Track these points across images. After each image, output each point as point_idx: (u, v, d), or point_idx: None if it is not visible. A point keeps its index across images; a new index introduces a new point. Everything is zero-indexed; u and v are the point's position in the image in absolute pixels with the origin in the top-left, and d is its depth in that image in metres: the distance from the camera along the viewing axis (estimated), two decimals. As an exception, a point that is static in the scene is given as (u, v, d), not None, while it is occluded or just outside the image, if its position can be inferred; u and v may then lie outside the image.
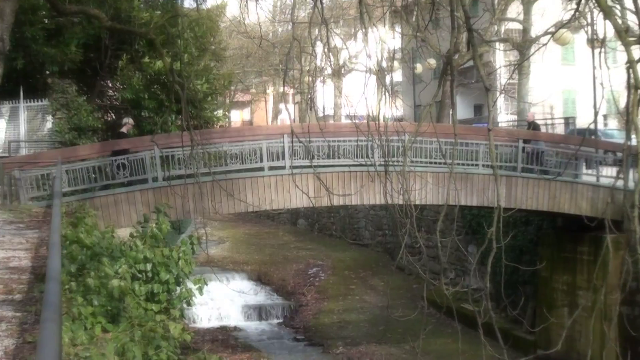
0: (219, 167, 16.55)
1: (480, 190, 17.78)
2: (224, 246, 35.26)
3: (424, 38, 24.91)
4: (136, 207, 15.73)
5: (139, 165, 16.00)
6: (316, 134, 15.33)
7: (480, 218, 22.65)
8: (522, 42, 32.11)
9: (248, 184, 16.71)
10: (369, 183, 16.29)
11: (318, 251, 33.17)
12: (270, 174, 16.84)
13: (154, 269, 8.72)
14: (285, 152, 16.83)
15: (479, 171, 17.89)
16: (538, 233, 21.07)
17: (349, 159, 16.50)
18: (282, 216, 42.75)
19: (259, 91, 65.45)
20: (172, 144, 16.03)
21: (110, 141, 19.58)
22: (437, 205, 21.41)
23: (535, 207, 18.41)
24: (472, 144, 18.05)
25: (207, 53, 23.60)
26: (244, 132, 19.52)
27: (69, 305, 6.53)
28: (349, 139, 16.97)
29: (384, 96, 8.07)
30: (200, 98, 21.16)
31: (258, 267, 30.58)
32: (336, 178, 17.04)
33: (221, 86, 24.51)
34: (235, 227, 41.61)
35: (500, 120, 37.38)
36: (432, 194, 17.45)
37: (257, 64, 51.14)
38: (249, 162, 16.94)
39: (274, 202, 16.91)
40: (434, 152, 17.50)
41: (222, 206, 16.01)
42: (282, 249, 34.21)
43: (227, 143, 17.38)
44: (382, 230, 32.31)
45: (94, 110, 21.44)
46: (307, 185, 15.78)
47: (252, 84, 61.57)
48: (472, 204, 18.21)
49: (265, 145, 16.92)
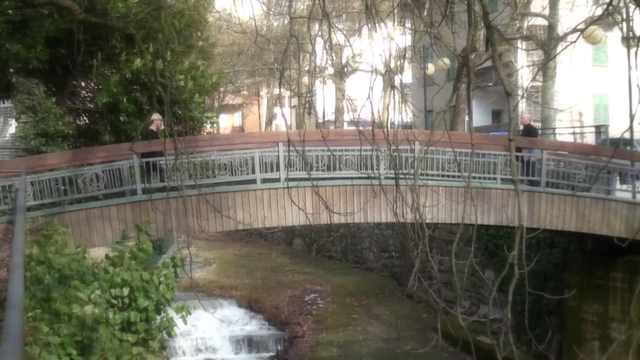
0: (206, 179, 16.52)
1: (499, 207, 17.76)
2: (210, 269, 35.20)
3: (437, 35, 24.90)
4: (112, 224, 15.70)
5: (115, 177, 16.00)
6: (315, 142, 15.33)
7: (498, 239, 22.64)
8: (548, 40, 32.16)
9: (238, 198, 16.70)
10: (374, 198, 16.27)
11: (316, 275, 33.11)
12: (263, 187, 16.84)
13: (132, 295, 8.71)
14: (280, 163, 16.82)
15: (498, 186, 17.89)
16: (565, 257, 21.04)
17: (352, 170, 16.48)
18: (276, 235, 42.68)
19: (251, 93, 65.61)
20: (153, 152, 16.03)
21: (84, 149, 19.58)
22: (449, 225, 21.40)
23: (561, 227, 18.39)
24: (489, 154, 18.06)
25: (193, 50, 23.63)
26: (234, 139, 19.51)
27: (34, 335, 6.51)
28: (352, 148, 16.95)
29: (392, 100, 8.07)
30: (186, 98, 21.17)
31: (248, 292, 30.51)
32: (337, 192, 17.02)
33: (209, 86, 24.54)
34: (224, 247, 41.56)
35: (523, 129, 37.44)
36: (444, 211, 17.43)
37: (249, 63, 51.29)
38: (239, 174, 16.93)
39: (267, 219, 16.89)
40: (446, 163, 17.50)
41: (208, 224, 15.99)
42: (276, 273, 34.15)
43: (215, 152, 17.37)
44: (388, 252, 32.28)
45: (64, 114, 21.42)
46: (305, 201, 15.76)
47: (244, 85, 61.72)
48: (489, 223, 18.18)
49: (258, 154, 16.93)
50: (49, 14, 21.19)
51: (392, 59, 8.59)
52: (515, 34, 31.47)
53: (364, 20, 42.25)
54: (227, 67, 47.29)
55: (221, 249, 40.85)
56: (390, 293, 30.11)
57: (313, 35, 25.58)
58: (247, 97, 65.14)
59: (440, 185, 17.37)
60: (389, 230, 31.71)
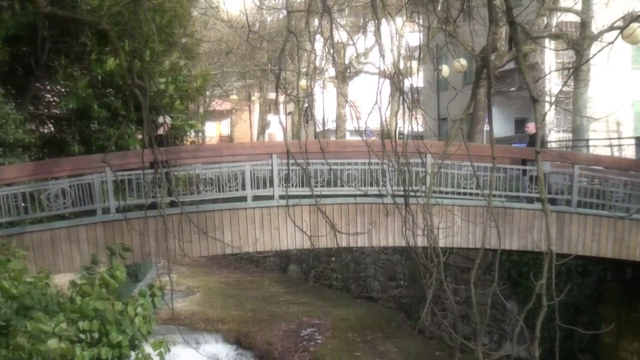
0: (189, 195, 16.52)
1: (523, 230, 17.76)
2: (193, 298, 35.16)
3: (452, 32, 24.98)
4: (80, 246, 15.69)
5: (84, 193, 15.99)
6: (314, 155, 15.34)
7: (522, 266, 22.62)
8: (580, 40, 32.25)
9: (226, 218, 16.69)
10: (380, 219, 16.27)
11: (314, 306, 33.06)
12: (254, 205, 16.84)
13: (103, 328, 8.69)
14: (274, 178, 16.83)
15: (522, 205, 17.90)
16: (599, 287, 21.01)
17: (355, 187, 16.49)
18: (269, 260, 42.67)
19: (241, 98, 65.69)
20: (129, 165, 16.05)
21: (48, 161, 19.60)
22: (466, 250, 21.40)
23: (596, 252, 18.38)
24: (513, 169, 18.08)
25: (175, 48, 23.68)
26: (221, 150, 19.55)
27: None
28: (355, 161, 16.97)
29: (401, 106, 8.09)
30: (167, 103, 21.22)
31: (237, 326, 30.45)
32: (338, 212, 17.02)
33: (193, 90, 24.58)
34: (209, 273, 41.55)
35: (551, 140, 37.51)
36: (461, 234, 17.44)
37: (239, 63, 51.43)
38: (227, 190, 16.94)
39: (258, 242, 16.88)
40: (463, 179, 17.52)
41: (192, 247, 15.96)
42: (268, 303, 34.10)
43: (199, 165, 17.37)
44: (395, 281, 32.24)
45: (25, 121, 21.43)
46: (302, 221, 15.77)
47: (233, 89, 61.85)
48: (512, 248, 18.17)
49: (249, 168, 16.94)
50: (9, 6, 21.22)
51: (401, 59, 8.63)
52: (543, 32, 31.62)
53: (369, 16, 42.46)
54: (214, 68, 47.39)
55: (206, 275, 40.81)
56: (399, 327, 30.04)
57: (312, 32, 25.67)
58: (236, 102, 65.25)
59: (456, 204, 17.38)
60: (396, 255, 31.68)
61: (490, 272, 23.11)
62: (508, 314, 23.01)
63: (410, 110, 8.27)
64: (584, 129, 33.07)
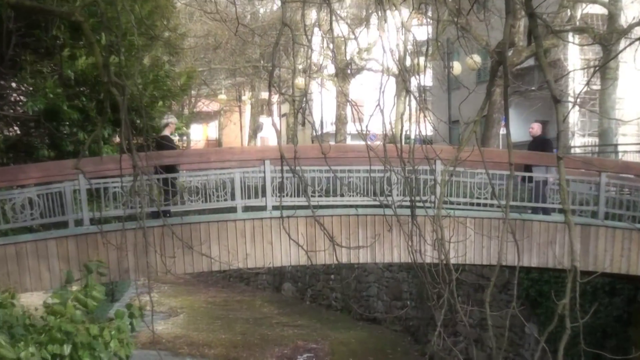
0: (173, 206, 16.49)
1: (544, 244, 17.75)
2: (177, 320, 35.13)
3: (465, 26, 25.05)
4: (49, 262, 15.65)
5: (55, 202, 15.96)
6: (311, 161, 15.32)
7: (542, 285, 22.61)
8: (607, 34, 32.31)
9: (213, 231, 16.68)
10: (384, 232, 16.25)
11: (311, 329, 33.03)
12: (245, 217, 16.84)
13: (75, 354, 8.67)
14: (267, 186, 16.83)
15: (542, 217, 17.89)
16: (629, 308, 21.00)
17: (356, 197, 16.48)
18: (261, 278, 42.69)
19: (230, 98, 65.68)
20: (105, 171, 16.02)
21: (14, 167, 19.56)
22: (480, 266, 21.38)
23: (625, 270, 18.37)
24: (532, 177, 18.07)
25: (157, 43, 23.68)
26: (208, 156, 19.53)
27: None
28: (357, 168, 16.98)
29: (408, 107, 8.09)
30: (148, 103, 21.20)
31: (225, 351, 30.41)
32: (338, 224, 17.02)
33: (177, 89, 24.56)
34: (194, 292, 41.52)
35: (574, 145, 37.53)
36: (474, 249, 17.43)
37: (228, 59, 51.42)
38: (215, 200, 16.93)
39: (249, 257, 16.87)
40: (477, 188, 17.51)
41: (175, 263, 15.94)
42: (260, 326, 34.06)
43: (184, 172, 17.36)
44: (401, 301, 32.21)
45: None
46: (298, 234, 15.75)
47: (222, 88, 61.83)
48: (530, 265, 18.16)
49: (239, 175, 16.94)
50: (-30, -3, 21.21)
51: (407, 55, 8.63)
52: (566, 25, 31.61)
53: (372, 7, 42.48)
54: (200, 64, 47.42)
55: (191, 295, 40.78)
56: (405, 352, 30.02)
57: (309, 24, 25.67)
58: (225, 102, 65.21)
59: (469, 216, 17.38)
60: (402, 272, 31.66)
61: (507, 291, 23.11)
62: (527, 338, 22.99)
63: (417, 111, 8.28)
64: (612, 133, 33.09)
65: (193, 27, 44.12)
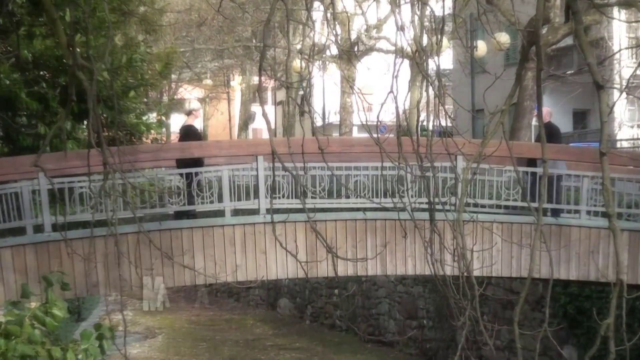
0: (150, 209, 16.48)
1: (584, 254, 17.73)
2: (154, 342, 35.10)
3: None
4: (3, 274, 15.66)
5: (10, 205, 15.95)
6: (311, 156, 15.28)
7: (582, 301, 22.57)
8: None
9: (197, 238, 16.67)
10: (397, 239, 16.24)
11: (311, 353, 33.02)
12: (234, 222, 16.84)
13: (34, 381, 8.65)
14: (260, 186, 16.81)
15: (582, 222, 17.86)
16: (683, 327, 21.00)
17: (364, 198, 16.46)
18: (253, 293, 42.66)
19: (217, 83, 65.67)
20: (70, 169, 15.99)
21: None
22: (508, 279, 21.33)
23: (680, 283, 18.35)
24: (570, 176, 18.04)
25: (130, 19, 23.67)
26: (191, 151, 19.50)
27: None
28: (365, 164, 16.97)
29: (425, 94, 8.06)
30: (119, 92, 21.17)
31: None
32: (342, 230, 17.02)
33: (154, 73, 24.55)
34: (175, 310, 41.43)
35: (621, 138, 37.50)
36: (502, 259, 17.40)
37: (215, 38, 51.34)
38: (199, 202, 16.92)
39: (239, 269, 16.86)
40: (504, 188, 17.49)
41: (153, 275, 15.96)
42: (252, 349, 34.05)
43: (163, 169, 17.34)
44: (417, 320, 32.18)
45: None
46: (296, 242, 15.74)
47: (207, 72, 61.82)
48: (569, 278, 18.14)
49: (228, 173, 16.94)
50: None
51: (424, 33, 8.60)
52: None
53: (384, -23, 42.49)
54: (182, 44, 47.39)
55: (171, 313, 40.69)
56: (422, 380, 30.06)
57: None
58: (211, 88, 65.26)
59: (496, 220, 17.37)
60: (418, 287, 31.61)
61: (541, 309, 23.06)
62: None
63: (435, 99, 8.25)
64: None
65: (173, 1, 44.07)
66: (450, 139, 8.76)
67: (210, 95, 67.34)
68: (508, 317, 22.14)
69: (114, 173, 10.20)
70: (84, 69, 9.83)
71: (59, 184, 15.89)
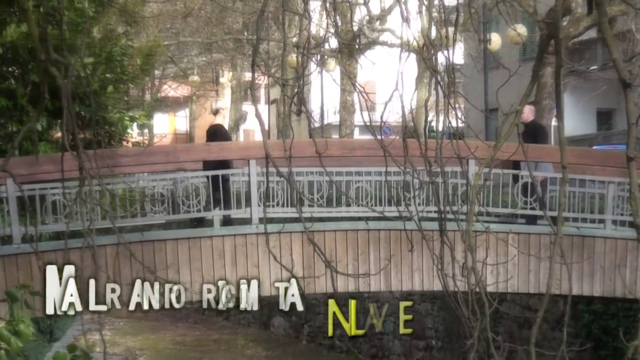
0: (130, 218, 16.48)
1: (609, 268, 17.73)
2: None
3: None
4: (-33, 289, 15.67)
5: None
6: (308, 160, 15.29)
7: (608, 319, 22.58)
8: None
9: (183, 250, 16.66)
10: (402, 251, 16.26)
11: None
12: (224, 232, 16.85)
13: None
14: (252, 193, 16.82)
15: (607, 233, 17.88)
16: None
17: (367, 206, 16.47)
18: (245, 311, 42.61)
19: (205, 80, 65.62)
20: (42, 175, 16.00)
21: None
22: (525, 295, 21.32)
23: None
24: (593, 182, 18.06)
25: (110, 10, 23.69)
26: (177, 154, 19.51)
27: None
28: (367, 169, 16.99)
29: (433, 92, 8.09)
30: (97, 89, 21.18)
31: (197, 406, 30.48)
32: (342, 242, 17.02)
33: (136, 69, 24.56)
34: (158, 329, 41.49)
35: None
36: (518, 274, 17.40)
37: (202, 31, 51.31)
38: (185, 211, 16.93)
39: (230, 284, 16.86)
40: (520, 195, 17.49)
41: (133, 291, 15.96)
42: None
43: (145, 174, 17.35)
44: (424, 339, 32.22)
45: None
46: (291, 255, 15.76)
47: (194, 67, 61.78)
48: (592, 294, 18.14)
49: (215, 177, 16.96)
50: None
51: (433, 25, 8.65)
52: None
53: (388, -37, 42.54)
54: (166, 37, 47.37)
55: (154, 332, 40.76)
56: (430, 407, 30.09)
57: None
58: (198, 85, 65.21)
59: (512, 230, 17.38)
60: (425, 304, 31.64)
61: (561, 328, 23.06)
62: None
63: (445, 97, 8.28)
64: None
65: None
66: (461, 141, 8.78)
67: (197, 93, 67.29)
68: (525, 337, 22.15)
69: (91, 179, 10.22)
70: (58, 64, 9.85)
71: (30, 191, 15.87)
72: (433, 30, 8.74)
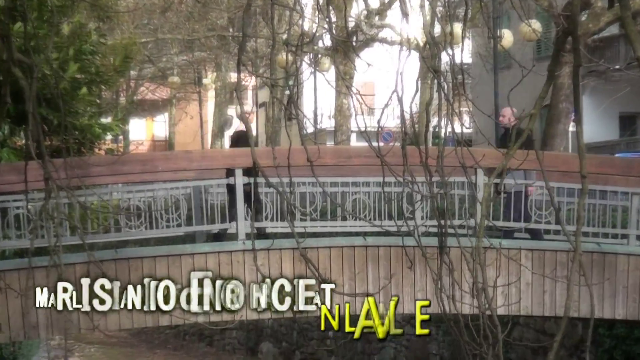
0: (104, 234, 16.47)
1: (633, 288, 17.73)
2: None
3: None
4: None
5: None
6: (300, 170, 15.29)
7: (632, 345, 22.57)
8: None
9: (161, 269, 16.65)
10: (403, 270, 16.26)
11: (300, 410, 33.09)
12: (208, 249, 16.84)
13: None
14: (238, 206, 16.81)
15: (631, 249, 17.87)
16: None
17: (364, 220, 16.48)
18: (230, 336, 42.63)
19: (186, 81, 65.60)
20: (4, 185, 15.99)
21: None
22: (540, 319, 21.32)
23: None
24: (615, 194, 18.08)
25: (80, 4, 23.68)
26: (155, 163, 19.50)
27: None
28: (364, 179, 16.99)
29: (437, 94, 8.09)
30: (67, 90, 21.16)
31: None
32: (338, 259, 17.01)
33: (110, 70, 24.56)
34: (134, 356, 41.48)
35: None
36: (531, 295, 17.40)
37: (183, 27, 51.30)
38: (164, 225, 16.92)
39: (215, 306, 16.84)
40: (534, 209, 17.49)
41: (107, 315, 15.91)
42: (228, 405, 34.13)
43: (120, 185, 17.34)
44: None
45: None
46: (282, 274, 15.73)
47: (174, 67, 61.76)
48: (614, 317, 18.13)
49: (200, 190, 16.95)
50: None
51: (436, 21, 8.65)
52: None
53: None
54: (143, 33, 47.36)
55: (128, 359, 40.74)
56: None
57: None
58: (179, 87, 65.16)
59: (524, 247, 17.38)
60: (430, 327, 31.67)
61: (581, 354, 23.09)
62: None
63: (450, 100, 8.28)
64: None
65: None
66: (466, 149, 8.75)
67: (178, 96, 67.26)
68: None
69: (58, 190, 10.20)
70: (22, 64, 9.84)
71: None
72: (437, 27, 8.75)
